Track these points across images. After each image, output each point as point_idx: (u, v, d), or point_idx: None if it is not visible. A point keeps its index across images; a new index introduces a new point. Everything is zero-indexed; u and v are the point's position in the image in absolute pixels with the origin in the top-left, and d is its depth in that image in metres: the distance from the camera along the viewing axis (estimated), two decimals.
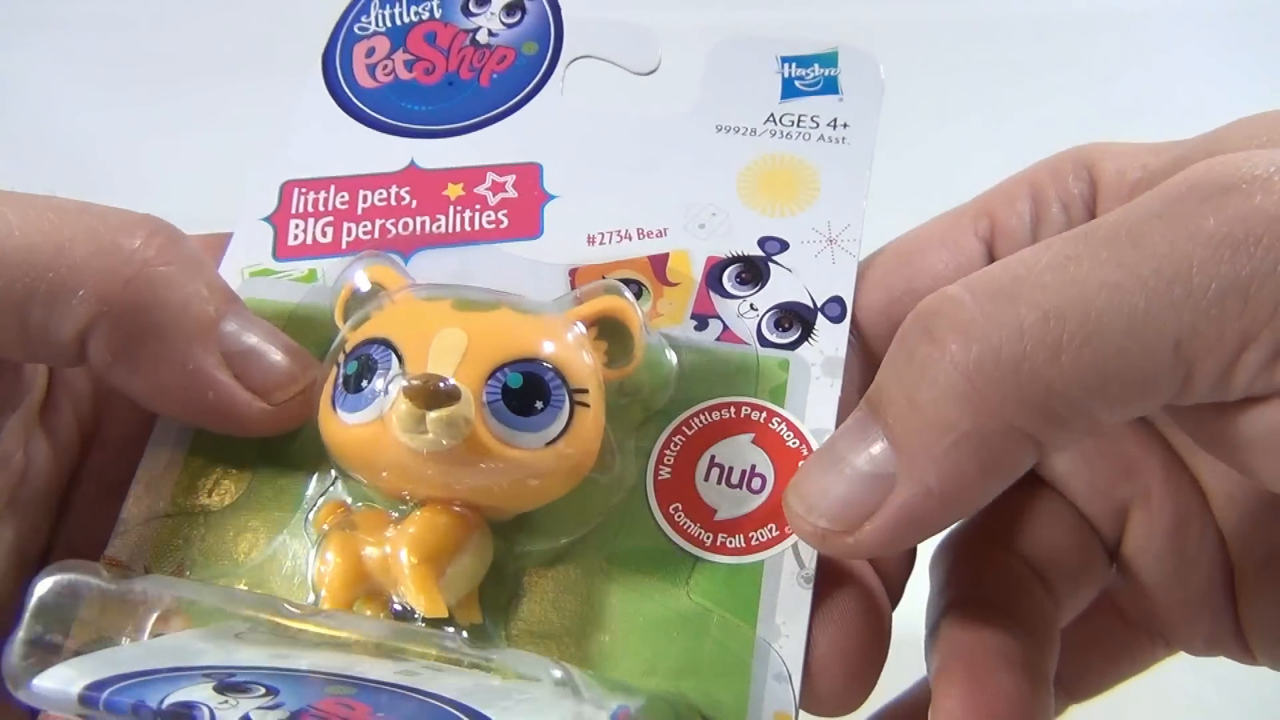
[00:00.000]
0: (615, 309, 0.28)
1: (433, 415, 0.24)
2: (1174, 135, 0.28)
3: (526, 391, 0.25)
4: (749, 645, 0.26)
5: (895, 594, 0.29)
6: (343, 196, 0.33)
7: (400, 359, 0.26)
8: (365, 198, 0.33)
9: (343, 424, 0.26)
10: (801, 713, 0.26)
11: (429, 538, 0.25)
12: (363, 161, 0.34)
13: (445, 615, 0.25)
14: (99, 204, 0.28)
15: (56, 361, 0.29)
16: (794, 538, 0.27)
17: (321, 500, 0.28)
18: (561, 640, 0.27)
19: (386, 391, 0.25)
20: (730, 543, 0.27)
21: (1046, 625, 0.29)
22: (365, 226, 0.33)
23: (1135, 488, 0.29)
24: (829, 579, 0.27)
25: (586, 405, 0.26)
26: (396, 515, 0.26)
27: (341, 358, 0.27)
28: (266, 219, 0.33)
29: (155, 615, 0.25)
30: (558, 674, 0.22)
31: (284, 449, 0.29)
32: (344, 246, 0.32)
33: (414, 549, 0.25)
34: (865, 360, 0.30)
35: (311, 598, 0.27)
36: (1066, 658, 0.30)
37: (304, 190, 0.33)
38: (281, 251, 0.32)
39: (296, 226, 0.33)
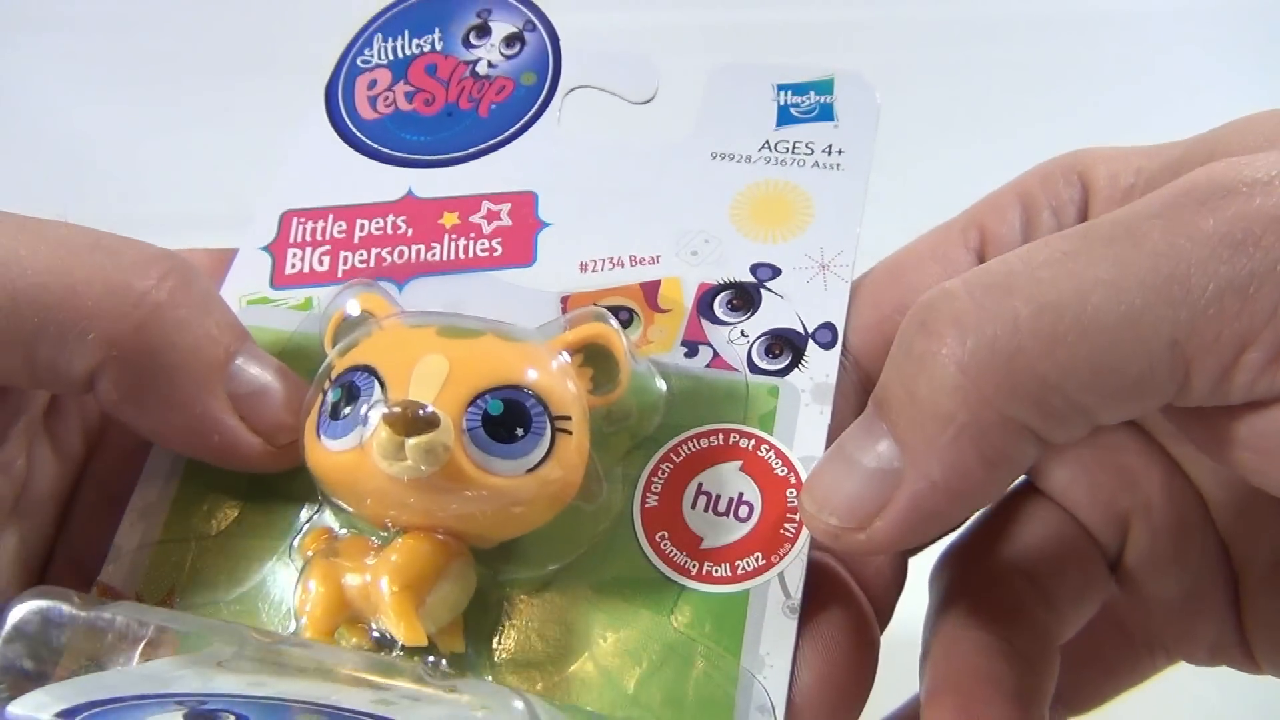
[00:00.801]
0: (599, 335, 0.28)
1: (411, 442, 0.24)
2: (1172, 138, 0.27)
3: (507, 418, 0.25)
4: (733, 676, 0.26)
5: (885, 616, 0.28)
6: (340, 226, 0.34)
7: (383, 385, 0.26)
8: (362, 227, 0.33)
9: (326, 451, 0.26)
10: None
11: (409, 565, 0.25)
12: (361, 191, 0.34)
13: (425, 643, 0.25)
14: (113, 236, 0.28)
15: (63, 393, 0.29)
16: (780, 568, 0.27)
17: (307, 527, 0.28)
18: (545, 669, 0.26)
19: (367, 419, 0.25)
20: (716, 571, 0.27)
21: (1045, 645, 0.29)
22: (361, 255, 0.33)
23: (1136, 499, 0.29)
24: (816, 605, 0.27)
25: (569, 432, 0.26)
26: (378, 543, 0.26)
27: (327, 384, 0.27)
28: (265, 248, 0.33)
29: (143, 643, 0.25)
30: (519, 705, 0.22)
31: (277, 477, 0.29)
32: (340, 275, 0.33)
33: (394, 576, 0.25)
34: (858, 380, 0.30)
35: (294, 625, 0.27)
36: (1064, 672, 0.29)
37: (303, 220, 0.34)
38: (279, 280, 0.33)
39: (294, 255, 0.33)
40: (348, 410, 0.26)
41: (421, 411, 0.24)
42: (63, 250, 0.27)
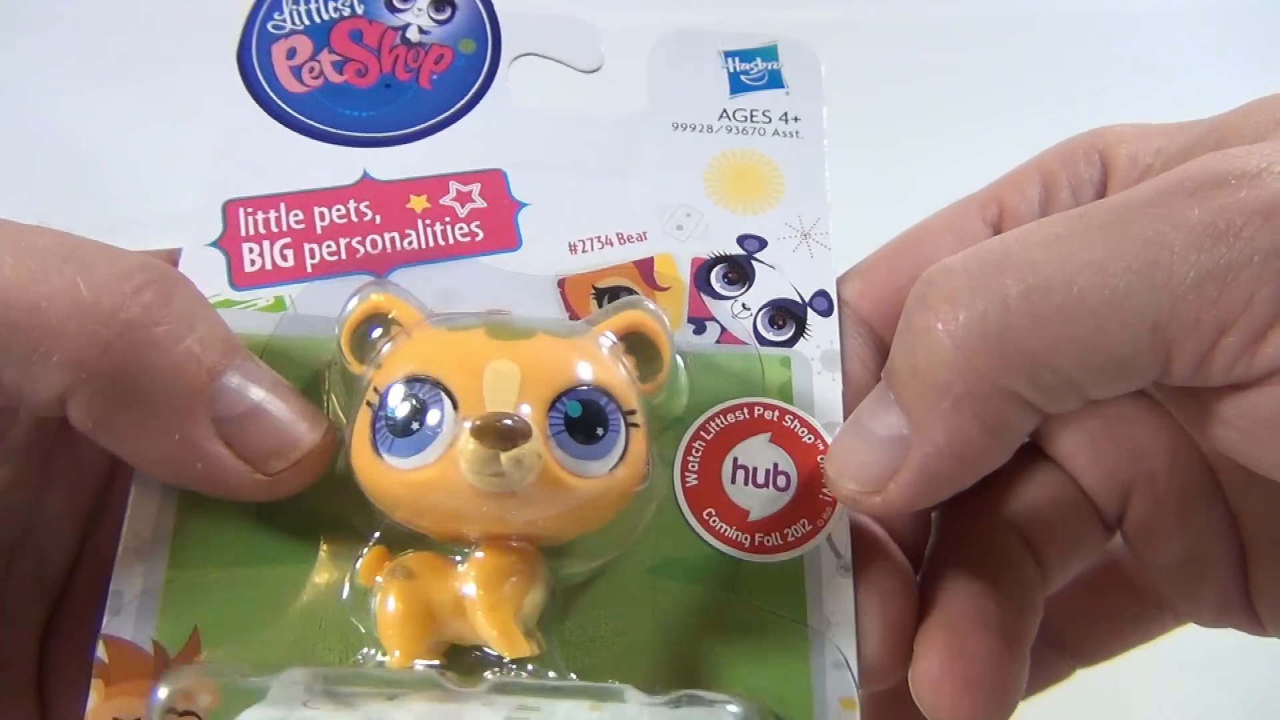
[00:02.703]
0: (641, 323, 0.28)
1: (507, 455, 0.23)
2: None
3: (587, 419, 0.25)
4: (804, 638, 0.27)
5: (916, 564, 0.30)
6: (296, 215, 0.31)
7: (451, 397, 0.25)
8: (322, 215, 0.31)
9: (393, 470, 0.25)
10: None
11: (502, 580, 0.25)
12: (308, 175, 0.32)
13: (529, 654, 0.25)
14: (93, 246, 0.25)
15: (38, 414, 0.26)
16: (827, 531, 0.28)
17: (365, 553, 0.26)
18: (621, 660, 0.27)
19: (442, 433, 0.24)
20: (768, 541, 0.28)
21: (1029, 594, 0.30)
22: (329, 247, 0.31)
23: (1139, 467, 0.30)
24: (862, 561, 0.28)
25: (637, 425, 0.26)
26: (459, 559, 0.26)
27: (375, 398, 0.25)
28: (214, 244, 0.30)
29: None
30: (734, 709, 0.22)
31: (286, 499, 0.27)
32: (309, 270, 0.30)
33: (491, 593, 0.25)
34: (876, 350, 0.31)
35: (368, 651, 0.26)
36: (1073, 624, 0.32)
37: (250, 210, 0.31)
38: (239, 279, 0.30)
39: (251, 251, 0.30)
40: (417, 426, 0.24)
41: (510, 421, 0.24)
42: (32, 263, 0.24)
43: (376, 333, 0.27)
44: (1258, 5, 0.63)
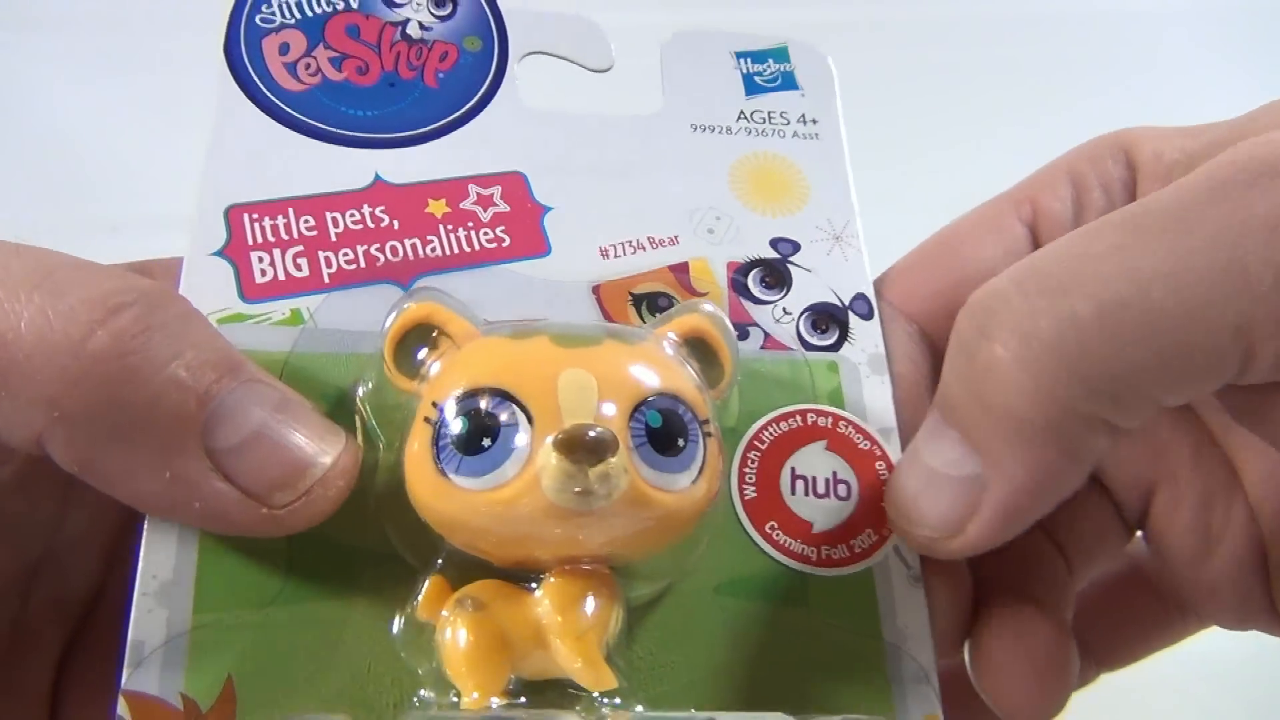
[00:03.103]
0: (703, 328, 0.26)
1: (595, 470, 0.22)
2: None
3: (668, 430, 0.23)
4: (880, 653, 0.26)
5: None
6: (307, 221, 0.28)
7: (525, 409, 0.23)
8: (336, 221, 0.29)
9: (463, 491, 0.23)
10: None
11: (582, 604, 0.23)
12: (314, 178, 0.29)
13: (615, 685, 0.23)
14: (70, 268, 0.23)
15: (26, 452, 0.23)
16: (894, 540, 0.27)
17: (424, 587, 0.24)
18: (693, 686, 0.25)
19: (516, 447, 0.22)
20: (835, 554, 0.27)
21: (1063, 588, 0.31)
22: (346, 255, 0.28)
23: (1162, 468, 0.30)
24: (927, 569, 0.28)
25: (711, 435, 0.25)
26: (534, 587, 0.24)
27: (434, 413, 0.23)
28: (220, 253, 0.28)
29: None
30: None
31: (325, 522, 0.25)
32: (326, 280, 0.28)
33: (573, 619, 0.23)
34: (927, 348, 0.30)
35: (426, 694, 0.24)
36: (1098, 628, 0.32)
37: (256, 216, 0.28)
38: (250, 291, 0.27)
39: (261, 260, 0.28)
40: (488, 442, 0.22)
41: (597, 434, 0.22)
42: (1, 292, 0.22)
43: (422, 352, 0.25)
44: (1261, 5, 0.65)
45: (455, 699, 0.23)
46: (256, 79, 0.30)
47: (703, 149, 0.32)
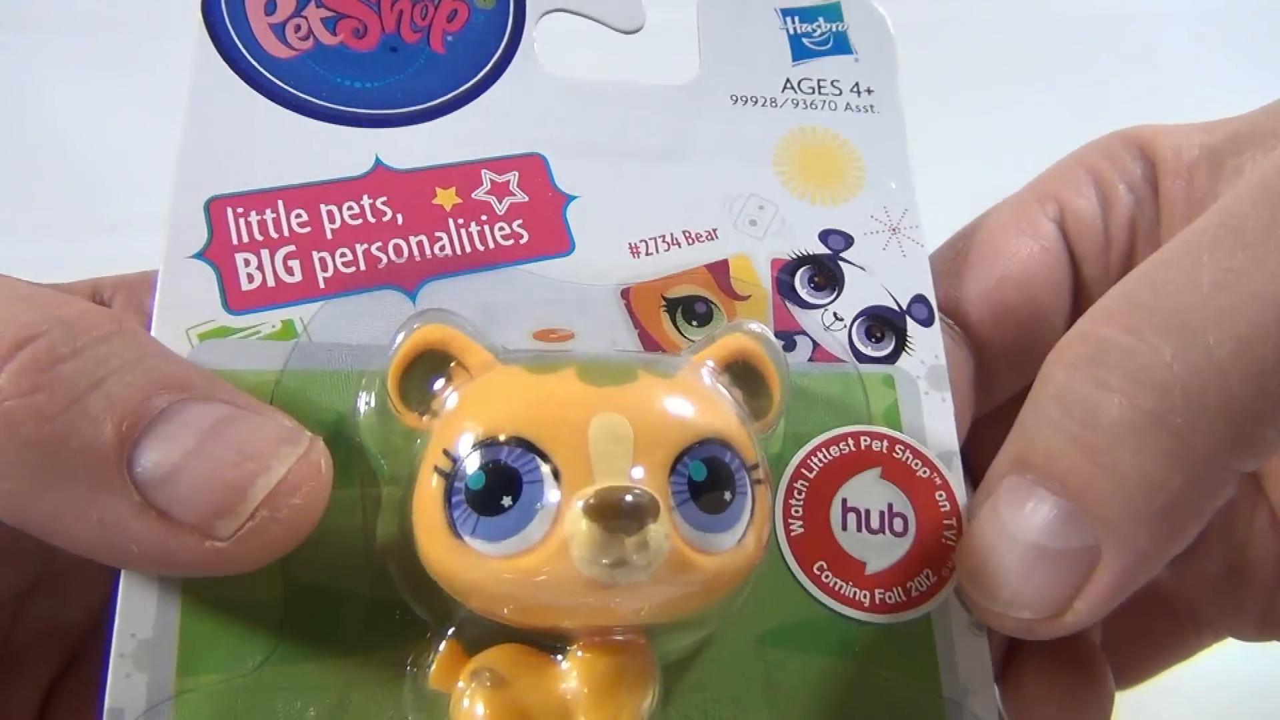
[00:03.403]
0: (744, 350, 0.23)
1: (631, 540, 0.19)
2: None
3: (713, 482, 0.21)
4: (939, 710, 0.24)
5: None
6: (299, 215, 0.25)
7: (550, 463, 0.20)
8: (331, 215, 0.25)
9: (479, 556, 0.20)
10: None
11: (615, 683, 0.20)
12: (307, 162, 0.26)
13: None
14: None
15: None
16: (955, 582, 0.25)
17: (438, 653, 0.21)
18: None
19: (541, 509, 0.19)
20: (890, 598, 0.24)
21: None
22: (344, 255, 0.25)
23: None
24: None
25: (761, 481, 0.22)
26: (559, 658, 0.21)
27: (447, 463, 0.20)
28: (200, 255, 0.24)
29: None
30: None
31: (315, 567, 0.22)
32: (322, 285, 0.25)
33: (604, 702, 0.20)
34: (970, 351, 0.28)
35: None
36: (1111, 648, 0.30)
37: (241, 210, 0.25)
38: (235, 300, 0.24)
39: (247, 263, 0.24)
40: (509, 501, 0.20)
41: (634, 498, 0.19)
42: None
43: (438, 383, 0.22)
44: (1263, 5, 0.63)
45: None
46: (239, 44, 0.27)
47: (744, 124, 0.29)
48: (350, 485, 0.23)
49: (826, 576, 0.24)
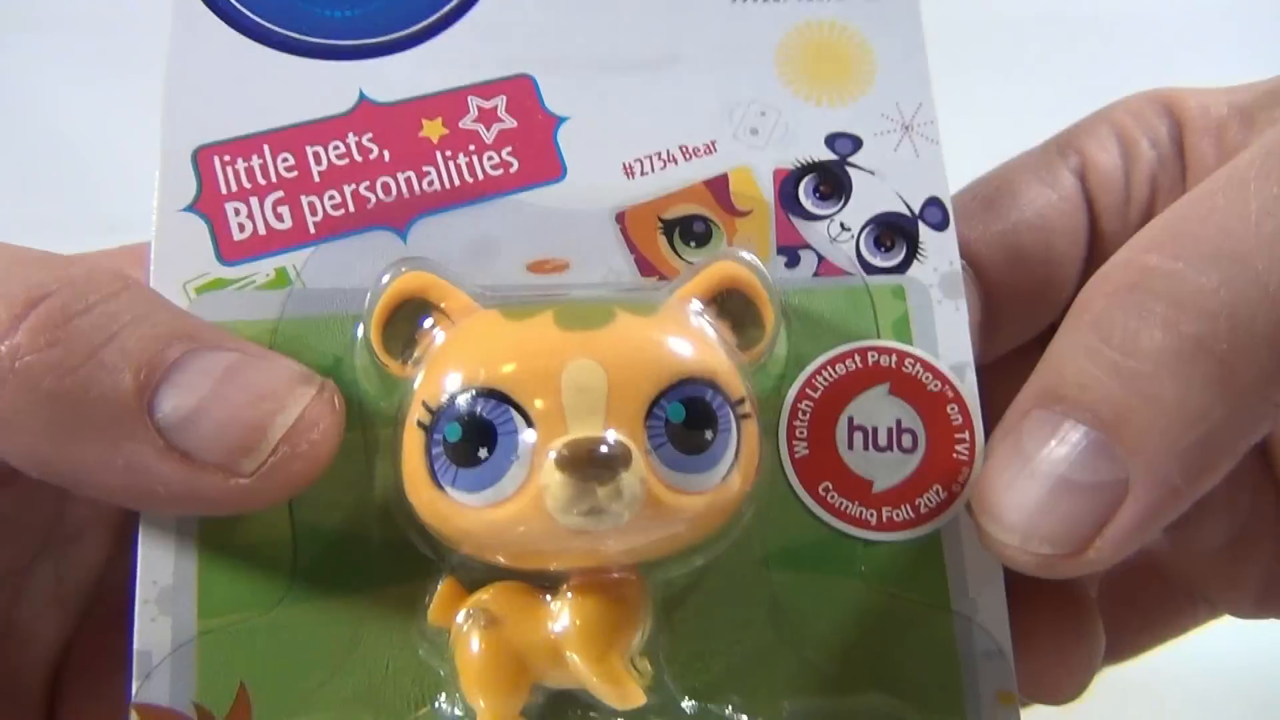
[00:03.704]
0: (733, 277, 0.23)
1: (604, 491, 0.19)
2: None
3: (693, 422, 0.20)
4: (948, 626, 0.24)
5: None
6: (285, 159, 0.25)
7: (524, 414, 0.20)
8: (318, 156, 0.25)
9: (460, 507, 0.20)
10: None
11: (604, 624, 0.21)
12: (291, 102, 0.25)
13: (644, 701, 0.21)
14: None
15: None
16: (966, 496, 0.24)
17: (437, 591, 0.22)
18: (739, 674, 0.23)
19: (515, 460, 0.20)
20: (897, 516, 0.24)
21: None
22: (333, 198, 0.25)
23: None
24: None
25: (749, 415, 0.21)
26: (549, 599, 0.21)
27: (427, 416, 0.20)
28: (191, 208, 0.24)
29: None
30: None
31: (322, 509, 0.23)
32: (312, 230, 0.25)
33: (593, 638, 0.21)
34: (980, 293, 0.27)
35: (441, 704, 0.22)
36: (1104, 619, 0.30)
37: (228, 158, 0.25)
38: (228, 251, 0.24)
39: (237, 213, 0.25)
40: (485, 453, 0.20)
41: (606, 448, 0.19)
42: None
43: (426, 322, 0.22)
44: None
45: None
46: None
47: (744, 22, 0.27)
48: (352, 429, 0.23)
49: (832, 497, 0.24)
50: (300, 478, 0.21)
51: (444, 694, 0.22)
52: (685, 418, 0.20)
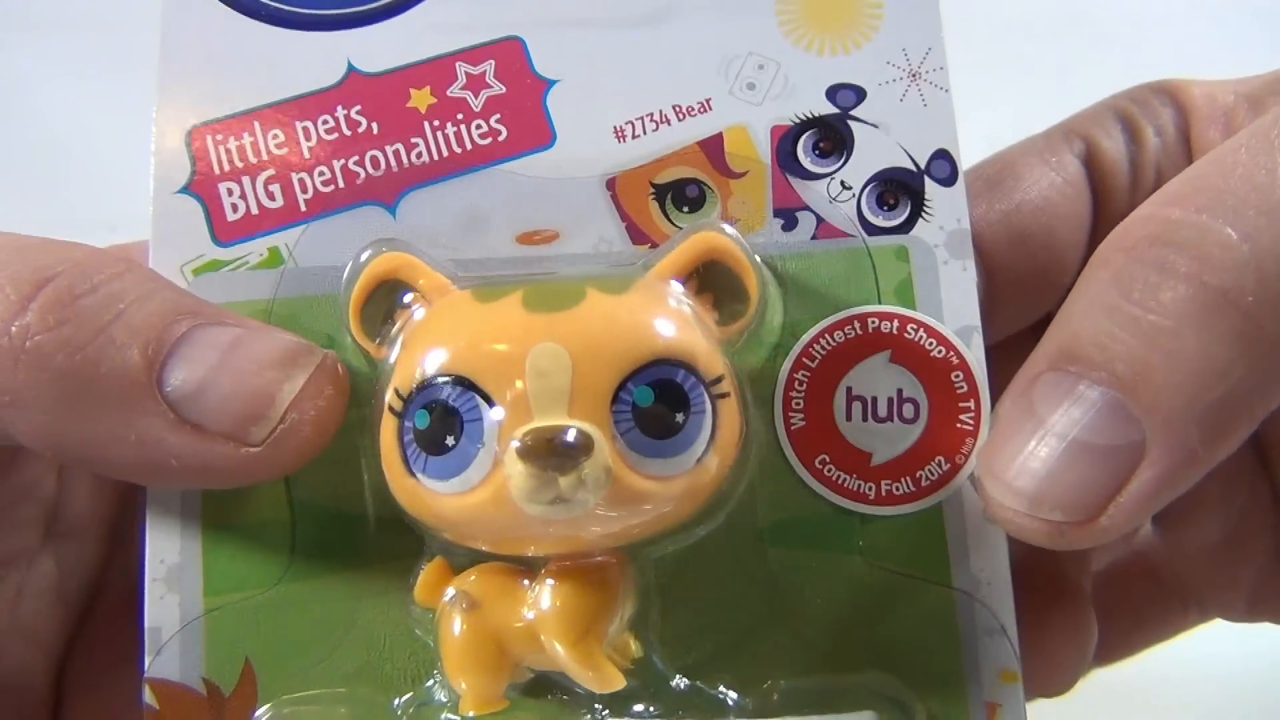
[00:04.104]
0: (714, 249, 0.22)
1: (565, 480, 0.19)
2: None
3: (663, 405, 0.20)
4: (949, 602, 0.23)
5: None
6: (275, 135, 0.25)
7: (490, 401, 0.20)
8: (307, 131, 0.25)
9: (432, 494, 0.20)
10: None
11: (579, 609, 0.21)
12: (281, 76, 0.25)
13: (623, 684, 0.21)
14: (5, 247, 0.22)
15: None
16: (970, 467, 0.23)
17: (420, 570, 0.22)
18: (733, 652, 0.23)
19: (480, 447, 0.20)
20: (897, 489, 0.23)
21: (1083, 558, 0.29)
22: (322, 174, 0.25)
23: None
24: None
25: (726, 394, 0.21)
26: (527, 583, 0.21)
27: (398, 402, 0.20)
28: (186, 189, 0.25)
29: None
30: None
31: (319, 489, 0.23)
32: (303, 208, 0.25)
33: (568, 623, 0.21)
34: (981, 273, 0.26)
35: (433, 687, 0.23)
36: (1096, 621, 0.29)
37: (220, 137, 0.25)
38: (223, 232, 0.25)
39: (230, 193, 0.25)
40: (451, 441, 0.20)
41: (567, 437, 0.19)
42: None
43: (406, 296, 0.22)
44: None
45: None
46: None
47: None
48: (348, 406, 0.23)
49: (829, 470, 0.23)
50: (309, 445, 0.22)
51: (438, 670, 0.23)
52: (654, 401, 0.20)
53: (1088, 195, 0.28)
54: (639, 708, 0.22)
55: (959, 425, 0.23)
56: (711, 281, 0.22)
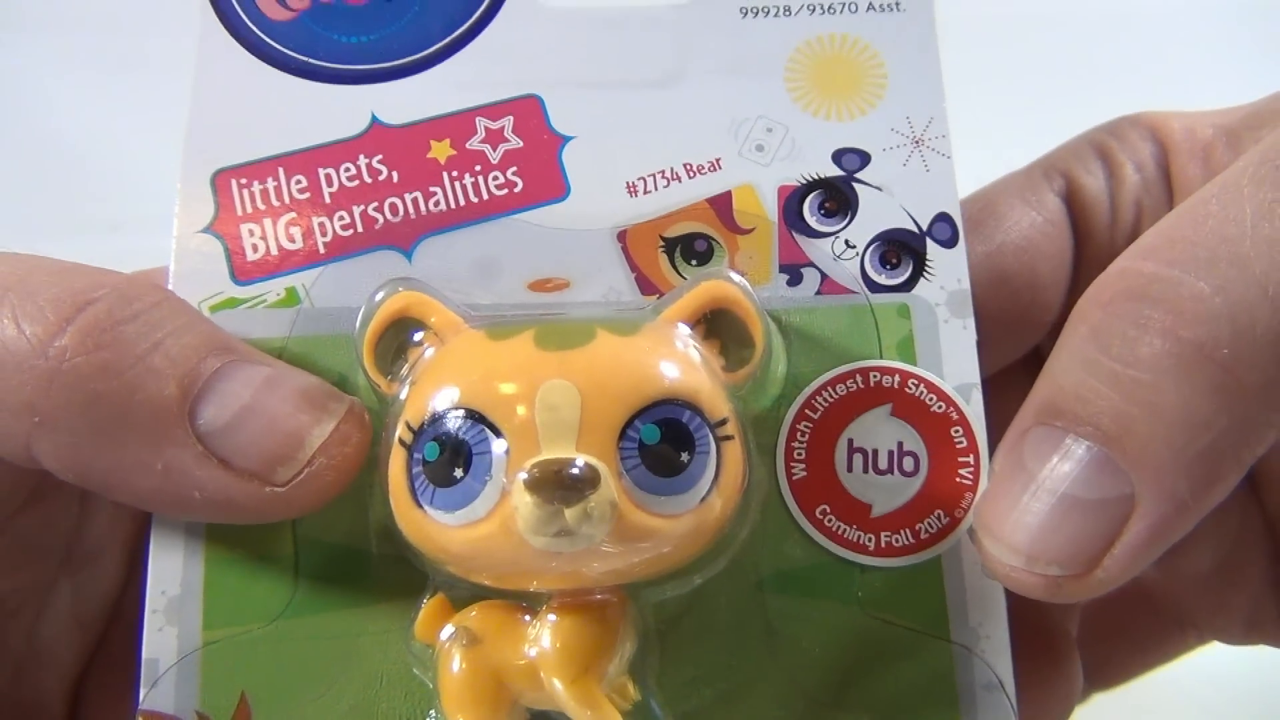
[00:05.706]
0: (723, 298, 0.23)
1: (572, 512, 0.19)
2: None
3: (668, 445, 0.20)
4: (947, 656, 0.23)
5: None
6: (298, 181, 0.26)
7: (499, 435, 0.20)
8: (329, 178, 0.26)
9: (438, 526, 0.20)
10: None
11: (580, 647, 0.21)
12: (306, 126, 0.26)
13: None
14: (43, 270, 0.22)
15: (23, 466, 0.22)
16: (969, 522, 0.23)
17: (421, 606, 0.22)
18: (731, 700, 0.23)
19: (489, 481, 0.20)
20: (896, 541, 0.24)
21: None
22: (342, 218, 0.25)
23: None
24: None
25: (731, 437, 0.21)
26: (529, 619, 0.21)
27: (408, 435, 0.21)
28: (208, 229, 0.25)
29: None
30: None
31: (323, 525, 0.24)
32: (321, 250, 0.25)
33: (568, 661, 0.21)
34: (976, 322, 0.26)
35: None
36: (1092, 646, 0.29)
37: (244, 181, 0.26)
38: (242, 271, 0.25)
39: (251, 234, 0.25)
40: (460, 473, 0.20)
41: (574, 470, 0.19)
42: None
43: (417, 334, 0.23)
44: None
45: None
46: (240, 11, 0.27)
47: (754, 39, 0.27)
48: None
49: (830, 520, 0.24)
50: (331, 488, 0.22)
51: (434, 710, 0.23)
52: (660, 439, 0.20)
53: (1068, 233, 0.28)
54: None
55: (958, 480, 0.24)
56: (719, 329, 0.23)
